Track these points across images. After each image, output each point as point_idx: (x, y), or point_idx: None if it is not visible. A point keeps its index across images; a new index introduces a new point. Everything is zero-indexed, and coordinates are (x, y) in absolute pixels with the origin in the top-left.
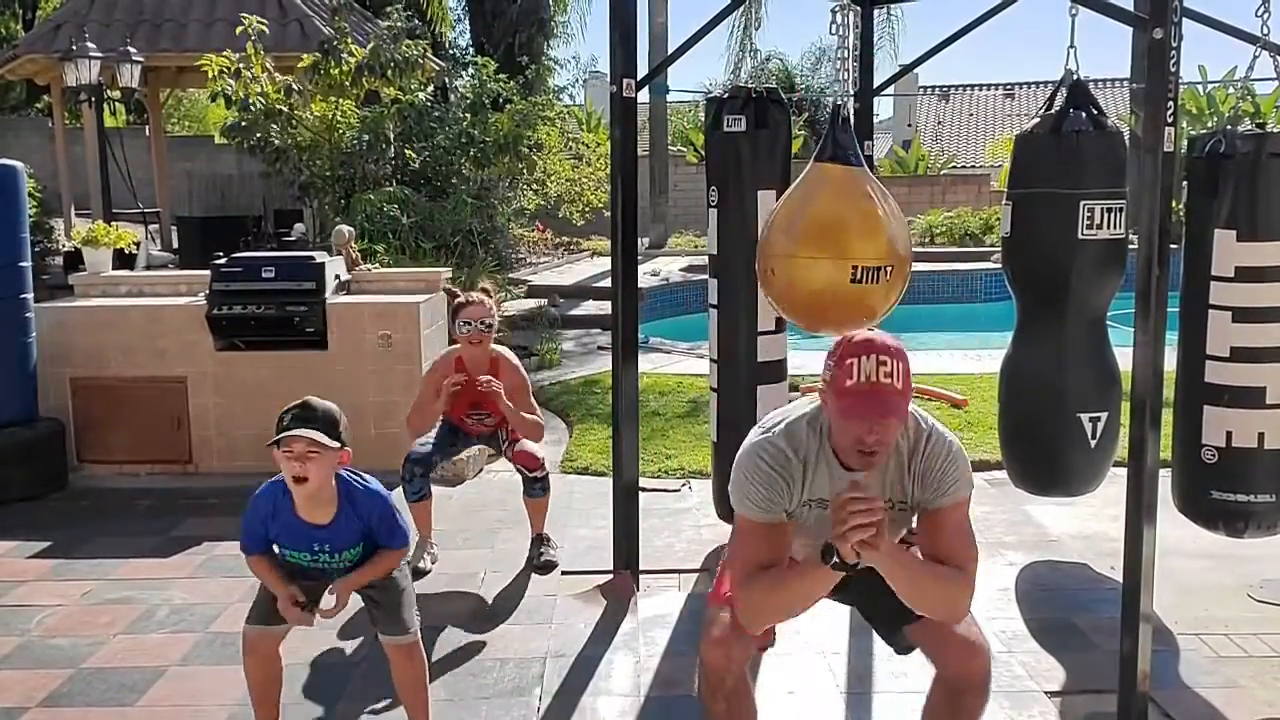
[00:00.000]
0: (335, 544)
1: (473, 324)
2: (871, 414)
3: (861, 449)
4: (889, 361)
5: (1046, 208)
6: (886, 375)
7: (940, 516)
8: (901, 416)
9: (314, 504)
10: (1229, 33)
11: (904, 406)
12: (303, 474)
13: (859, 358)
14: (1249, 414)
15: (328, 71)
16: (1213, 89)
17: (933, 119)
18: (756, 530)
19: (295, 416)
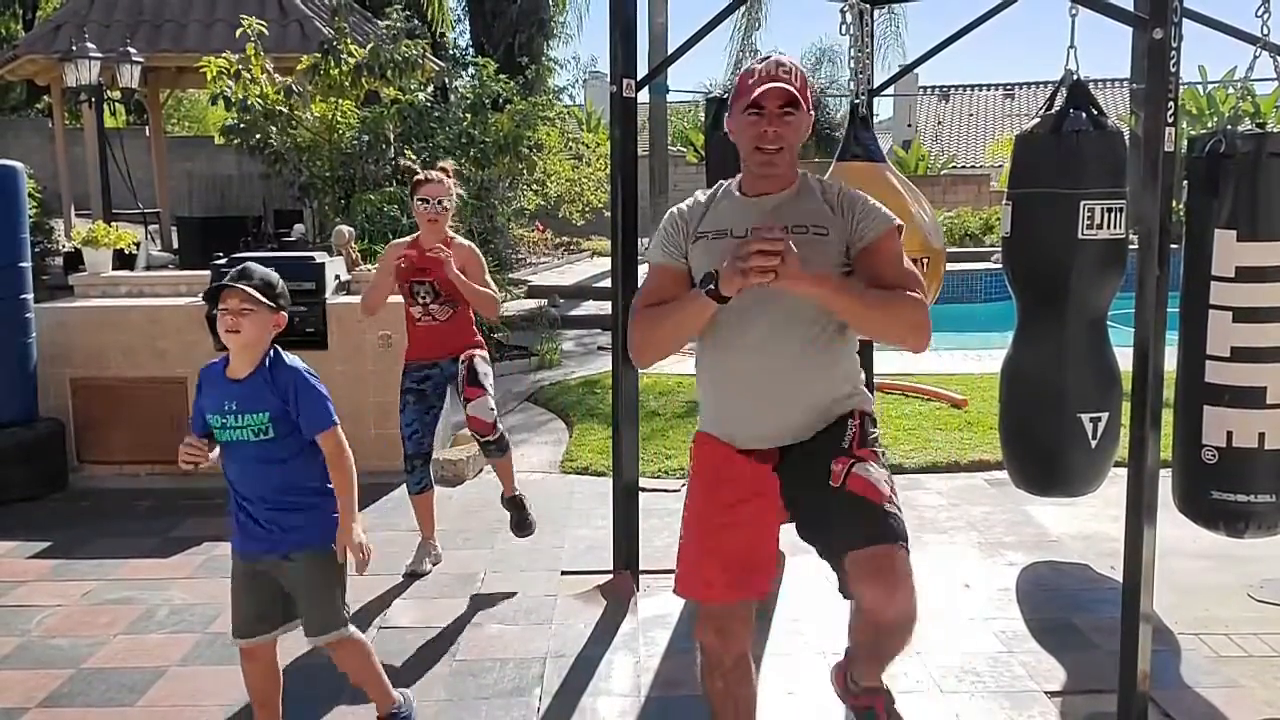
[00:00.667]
0: (243, 403)
1: (430, 201)
2: (768, 101)
3: (761, 145)
4: (785, 63)
5: (1047, 208)
6: (784, 73)
7: (875, 252)
8: (799, 112)
9: (241, 358)
10: (1229, 33)
11: (799, 103)
12: (235, 327)
13: (759, 66)
14: (1249, 414)
15: (327, 72)
16: (1213, 89)
17: (933, 119)
18: (655, 272)
19: (234, 276)
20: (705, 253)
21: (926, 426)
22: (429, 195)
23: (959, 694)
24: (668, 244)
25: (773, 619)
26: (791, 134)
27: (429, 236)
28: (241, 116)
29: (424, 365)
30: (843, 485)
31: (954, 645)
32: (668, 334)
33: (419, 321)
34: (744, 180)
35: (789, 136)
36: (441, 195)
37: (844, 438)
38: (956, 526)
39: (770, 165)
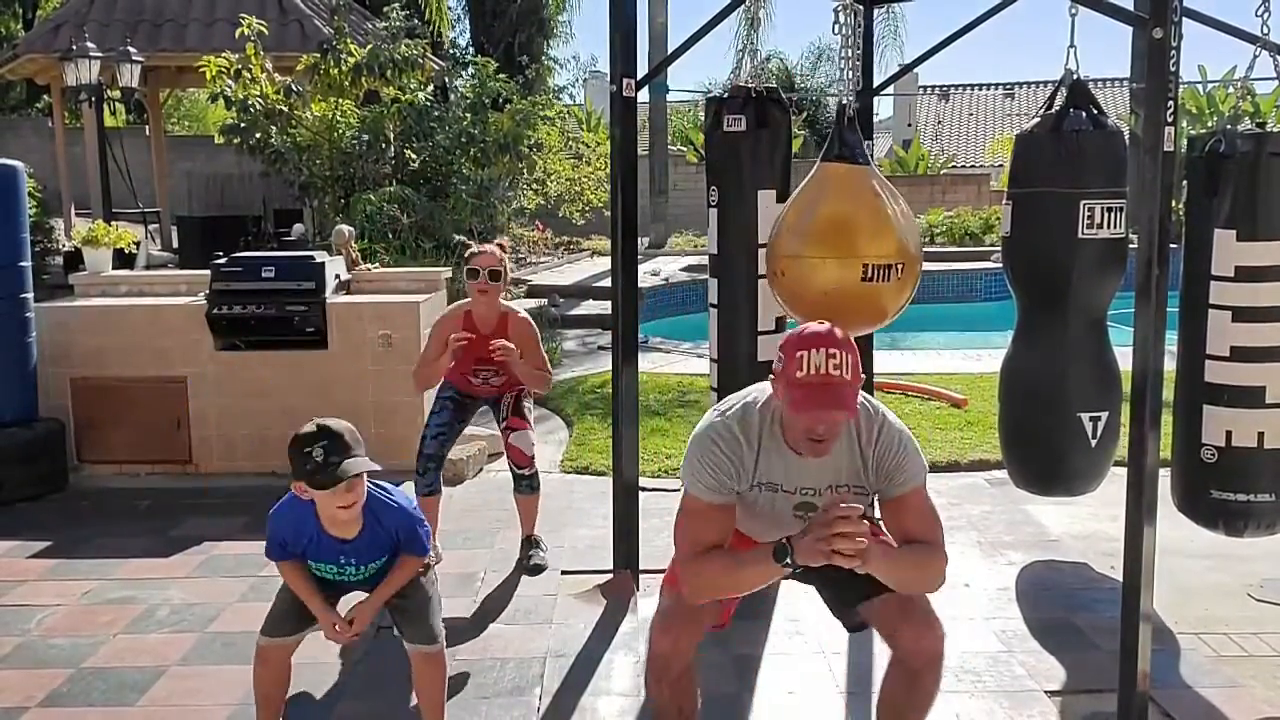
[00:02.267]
0: (361, 557)
1: (480, 272)
2: (820, 406)
3: (811, 437)
4: (838, 354)
5: (1047, 207)
6: (835, 368)
7: (903, 503)
8: (850, 409)
9: (347, 523)
10: (1229, 33)
11: (852, 399)
12: (353, 502)
13: (809, 350)
14: (1249, 413)
15: (327, 72)
16: (1213, 89)
17: (933, 119)
18: (705, 511)
19: (331, 449)
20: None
21: (926, 426)
22: (479, 265)
23: (959, 694)
24: (717, 479)
25: (773, 619)
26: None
27: (482, 315)
28: (241, 116)
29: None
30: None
31: (954, 645)
32: (736, 586)
33: (477, 387)
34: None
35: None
36: (493, 265)
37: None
38: (956, 526)
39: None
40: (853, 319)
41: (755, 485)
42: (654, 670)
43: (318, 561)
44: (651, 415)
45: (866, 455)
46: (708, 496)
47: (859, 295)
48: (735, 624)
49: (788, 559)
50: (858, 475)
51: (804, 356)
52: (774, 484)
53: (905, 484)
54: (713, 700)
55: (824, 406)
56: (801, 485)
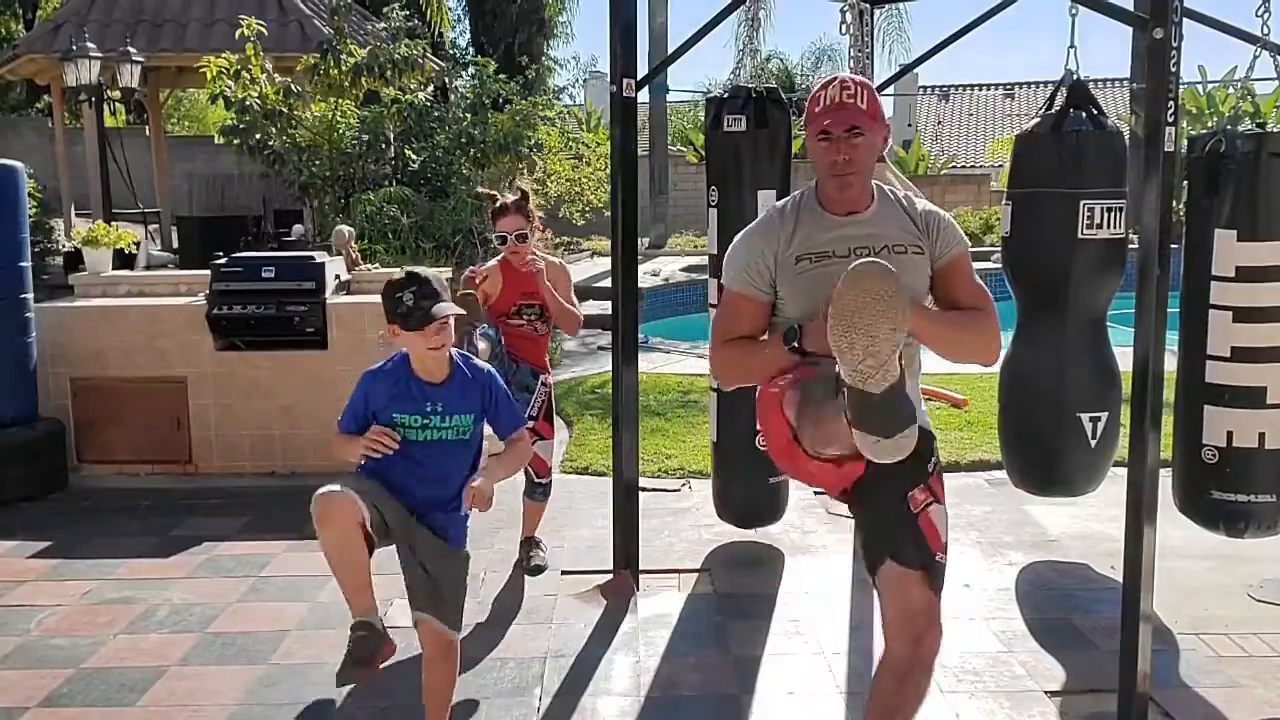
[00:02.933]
0: (449, 404)
1: (509, 236)
2: (837, 126)
3: (836, 172)
4: (852, 86)
5: (1047, 207)
6: (850, 96)
7: (953, 269)
8: (869, 130)
9: (439, 364)
10: (1229, 33)
11: (870, 124)
12: (440, 343)
13: (825, 88)
14: (1249, 414)
15: (327, 72)
16: (1213, 89)
17: (933, 119)
18: (736, 303)
19: (420, 294)
20: (809, 274)
21: None
22: (505, 230)
23: (959, 694)
24: (750, 273)
25: (773, 619)
26: (862, 155)
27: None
28: (241, 116)
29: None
30: (916, 515)
31: (954, 645)
32: (752, 370)
33: (520, 329)
34: (824, 198)
35: (860, 159)
36: (518, 228)
37: (929, 461)
38: (956, 526)
39: (848, 187)
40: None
41: (801, 257)
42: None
43: (403, 413)
44: (651, 415)
45: (914, 214)
46: (740, 288)
47: None
48: (736, 624)
49: (795, 341)
50: (911, 233)
51: (821, 94)
52: (823, 253)
53: (953, 246)
54: (713, 700)
55: (840, 126)
56: (856, 246)
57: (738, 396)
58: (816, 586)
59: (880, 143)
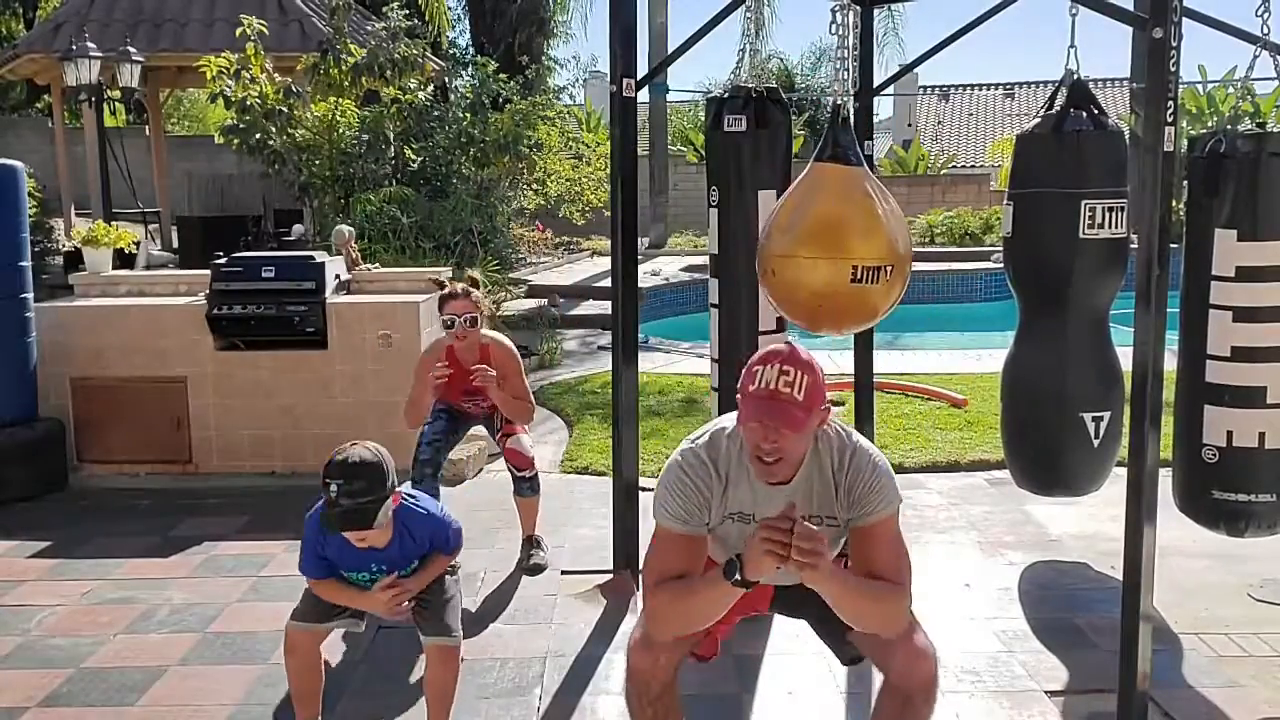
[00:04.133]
0: (393, 564)
1: (456, 320)
2: (766, 420)
3: (759, 456)
4: (792, 372)
5: (1048, 207)
6: (786, 385)
7: (872, 532)
8: (798, 429)
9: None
10: (1229, 33)
11: (801, 419)
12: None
13: (764, 366)
14: (1250, 414)
15: (327, 72)
16: (1213, 89)
17: (933, 119)
18: (673, 541)
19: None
20: (735, 532)
21: (926, 426)
22: (454, 313)
23: (959, 694)
24: (685, 511)
25: (773, 620)
26: (789, 446)
27: (463, 349)
28: (241, 116)
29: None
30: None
31: (954, 645)
32: (691, 614)
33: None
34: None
35: (786, 449)
36: (467, 312)
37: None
38: (956, 526)
39: (770, 474)
40: (844, 318)
41: (726, 517)
42: (635, 689)
43: (350, 570)
44: (651, 415)
45: (838, 481)
46: (675, 526)
47: (849, 295)
48: (735, 624)
49: (736, 574)
50: (829, 504)
51: (759, 372)
52: (744, 514)
53: (875, 512)
54: (713, 700)
55: (769, 420)
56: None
57: None
58: None
59: (817, 426)
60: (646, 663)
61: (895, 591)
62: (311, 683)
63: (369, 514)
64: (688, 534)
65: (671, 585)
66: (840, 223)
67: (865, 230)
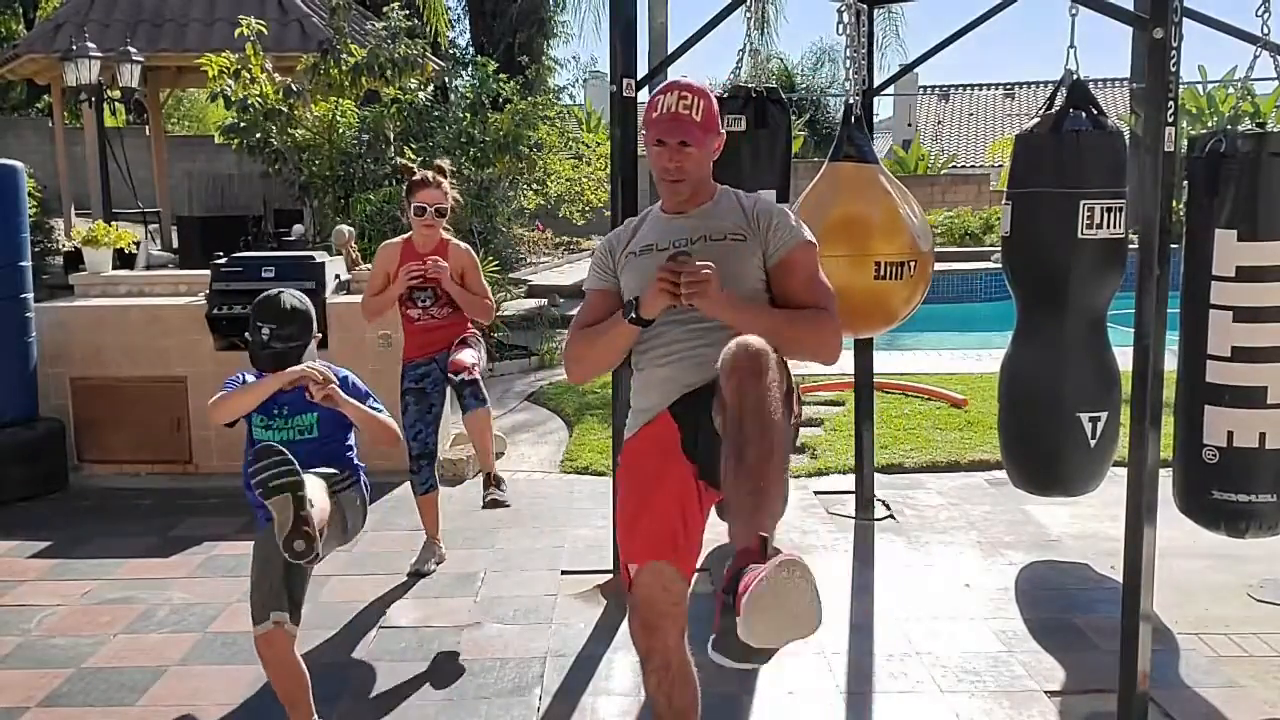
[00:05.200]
0: (293, 405)
1: (427, 209)
2: (669, 135)
3: (665, 176)
4: (689, 97)
5: (1047, 207)
6: (685, 108)
7: (787, 265)
8: (698, 143)
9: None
10: (1229, 33)
11: (699, 135)
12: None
13: (665, 94)
14: (1250, 414)
15: (327, 71)
16: (1213, 89)
17: (933, 119)
18: (590, 296)
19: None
20: (633, 270)
21: (926, 426)
22: (425, 202)
23: (959, 694)
24: (600, 269)
25: None
26: (691, 164)
27: (425, 241)
28: (241, 116)
29: (421, 363)
30: None
31: (954, 645)
32: (599, 354)
33: (417, 321)
34: (663, 199)
35: (689, 168)
36: (438, 201)
37: None
38: (956, 526)
39: (676, 192)
40: (863, 319)
41: (632, 252)
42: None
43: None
44: None
45: (747, 209)
46: (592, 283)
47: (871, 293)
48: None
49: (633, 312)
50: (739, 227)
51: (660, 100)
52: (649, 245)
53: (788, 243)
54: (713, 700)
55: (671, 135)
56: (675, 239)
57: None
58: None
59: (714, 150)
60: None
61: (821, 316)
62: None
63: (296, 356)
64: (601, 289)
65: (584, 330)
66: (862, 220)
67: (887, 227)
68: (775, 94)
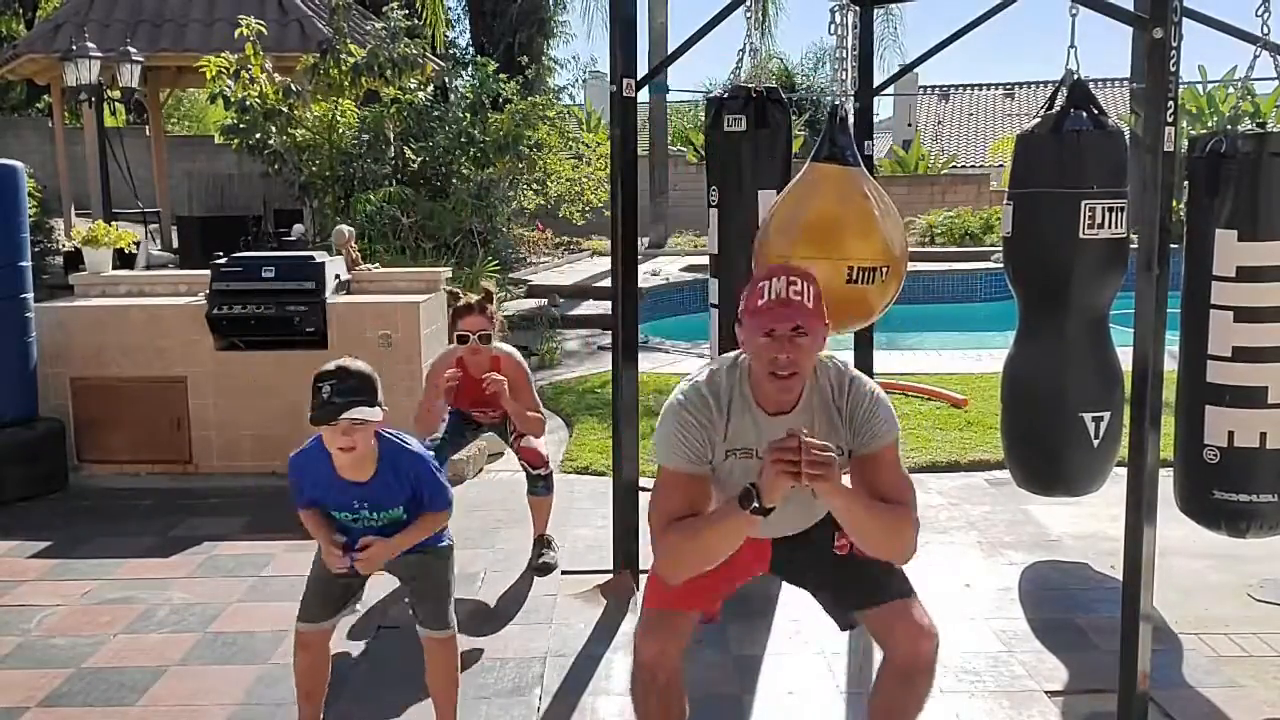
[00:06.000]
0: (376, 502)
1: (470, 337)
2: (781, 323)
3: (775, 371)
4: (799, 282)
5: (1048, 207)
6: (796, 293)
7: (875, 459)
8: (813, 332)
9: (357, 466)
10: (1229, 33)
11: (815, 324)
12: (349, 445)
13: (770, 280)
14: (1251, 414)
15: (327, 72)
16: (1213, 89)
17: (933, 119)
18: (676, 481)
19: (336, 389)
20: (737, 470)
21: (926, 426)
22: (469, 330)
23: (959, 694)
24: (691, 453)
25: (773, 619)
26: (805, 357)
27: (475, 361)
28: (241, 116)
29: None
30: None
31: (954, 645)
32: (706, 551)
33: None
34: (756, 390)
35: (802, 361)
36: (482, 328)
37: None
38: (956, 526)
39: (787, 390)
40: (839, 318)
41: (729, 453)
42: (641, 680)
43: (335, 509)
44: (651, 415)
45: (839, 406)
46: (677, 465)
47: (844, 296)
48: (735, 624)
49: (755, 501)
50: (832, 432)
51: (765, 286)
52: (747, 449)
53: (877, 438)
54: (713, 700)
55: (785, 324)
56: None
57: None
58: None
59: (823, 344)
60: (652, 652)
61: (902, 512)
62: (320, 681)
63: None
64: (692, 473)
65: (682, 524)
66: (836, 223)
67: (861, 231)
68: (775, 94)
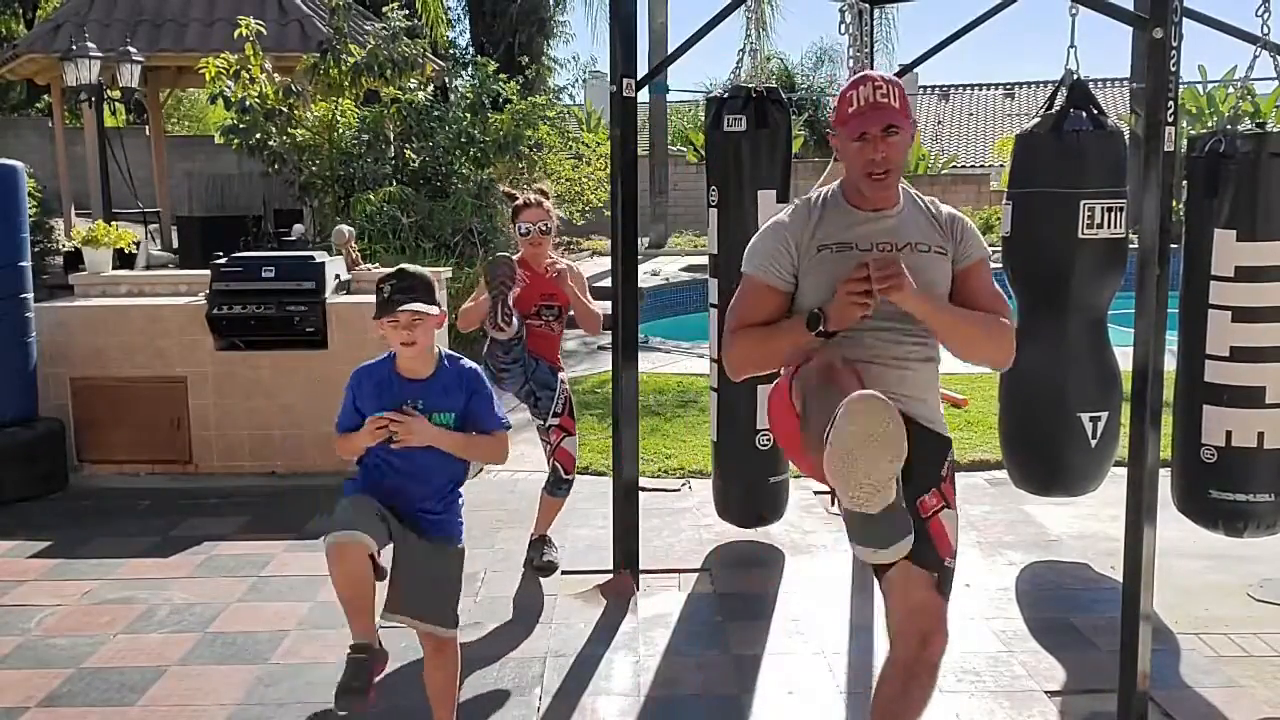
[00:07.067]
0: (430, 401)
1: (531, 227)
2: (872, 125)
3: (871, 171)
4: (885, 86)
5: (1047, 207)
6: (883, 96)
7: (972, 274)
8: (903, 129)
9: (418, 361)
10: (1229, 33)
11: (903, 121)
12: (410, 339)
13: (857, 88)
14: (1248, 414)
15: (327, 72)
16: (1213, 89)
17: (933, 119)
18: (756, 290)
19: (396, 288)
20: (824, 268)
21: None
22: (529, 221)
23: (959, 694)
24: (771, 260)
25: (773, 619)
26: (898, 154)
27: (535, 258)
28: (241, 116)
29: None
30: (927, 520)
31: (954, 645)
32: (767, 357)
33: (538, 329)
34: (852, 195)
35: (895, 157)
36: (541, 219)
37: (942, 466)
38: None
39: (884, 186)
40: None
41: (821, 248)
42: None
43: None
44: (651, 415)
45: (939, 216)
46: (759, 273)
47: None
48: (735, 624)
49: (820, 325)
50: (934, 234)
51: (853, 94)
52: (844, 243)
53: (973, 252)
54: (713, 700)
55: (876, 125)
56: (878, 242)
57: (737, 397)
58: (816, 586)
59: (911, 140)
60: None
61: (997, 321)
62: (363, 590)
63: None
64: (770, 285)
65: (753, 330)
66: None
67: None
68: (775, 94)
